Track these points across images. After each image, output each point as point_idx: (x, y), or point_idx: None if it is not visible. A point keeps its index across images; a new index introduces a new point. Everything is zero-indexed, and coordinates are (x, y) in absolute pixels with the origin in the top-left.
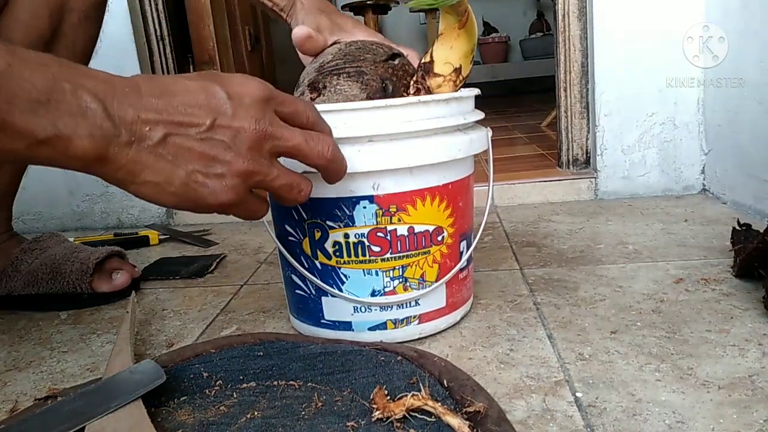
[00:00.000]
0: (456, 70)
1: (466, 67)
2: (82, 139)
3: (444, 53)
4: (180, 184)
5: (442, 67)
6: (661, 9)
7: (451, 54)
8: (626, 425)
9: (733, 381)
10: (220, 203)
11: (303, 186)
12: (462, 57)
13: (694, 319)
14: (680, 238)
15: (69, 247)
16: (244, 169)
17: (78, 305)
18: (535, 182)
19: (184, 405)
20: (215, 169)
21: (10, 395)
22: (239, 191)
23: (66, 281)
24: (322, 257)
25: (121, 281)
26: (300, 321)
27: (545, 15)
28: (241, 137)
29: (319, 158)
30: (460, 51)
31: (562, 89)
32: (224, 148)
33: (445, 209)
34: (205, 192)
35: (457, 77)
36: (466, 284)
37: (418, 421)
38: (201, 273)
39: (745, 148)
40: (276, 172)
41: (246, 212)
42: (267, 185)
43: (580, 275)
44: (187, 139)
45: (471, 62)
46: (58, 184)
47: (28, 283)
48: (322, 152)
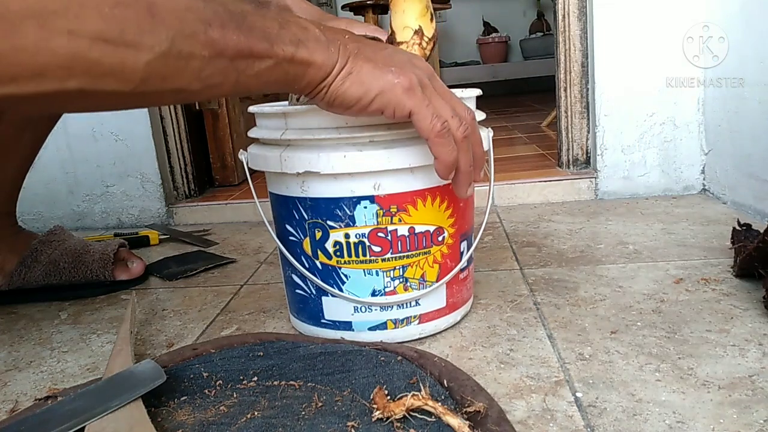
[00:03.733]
0: (417, 32)
1: (428, 27)
2: (313, 45)
3: (399, 19)
4: (368, 71)
5: (402, 34)
6: (661, 9)
7: (406, 17)
8: (626, 425)
9: (733, 381)
10: (400, 82)
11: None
12: (418, 17)
13: (694, 319)
14: (680, 238)
15: (82, 240)
16: (418, 74)
17: (100, 292)
18: (535, 182)
19: (184, 405)
20: (395, 65)
21: (10, 395)
22: (414, 80)
23: (89, 270)
24: (323, 257)
25: (138, 269)
26: (300, 321)
27: (545, 15)
28: (415, 63)
29: (465, 113)
30: (414, 12)
31: (562, 89)
32: (402, 63)
33: (446, 209)
34: (389, 75)
35: (420, 39)
36: (466, 284)
37: (418, 421)
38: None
39: (745, 148)
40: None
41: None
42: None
43: (580, 275)
44: (374, 51)
45: (432, 20)
46: (58, 184)
47: (49, 272)
48: (468, 112)
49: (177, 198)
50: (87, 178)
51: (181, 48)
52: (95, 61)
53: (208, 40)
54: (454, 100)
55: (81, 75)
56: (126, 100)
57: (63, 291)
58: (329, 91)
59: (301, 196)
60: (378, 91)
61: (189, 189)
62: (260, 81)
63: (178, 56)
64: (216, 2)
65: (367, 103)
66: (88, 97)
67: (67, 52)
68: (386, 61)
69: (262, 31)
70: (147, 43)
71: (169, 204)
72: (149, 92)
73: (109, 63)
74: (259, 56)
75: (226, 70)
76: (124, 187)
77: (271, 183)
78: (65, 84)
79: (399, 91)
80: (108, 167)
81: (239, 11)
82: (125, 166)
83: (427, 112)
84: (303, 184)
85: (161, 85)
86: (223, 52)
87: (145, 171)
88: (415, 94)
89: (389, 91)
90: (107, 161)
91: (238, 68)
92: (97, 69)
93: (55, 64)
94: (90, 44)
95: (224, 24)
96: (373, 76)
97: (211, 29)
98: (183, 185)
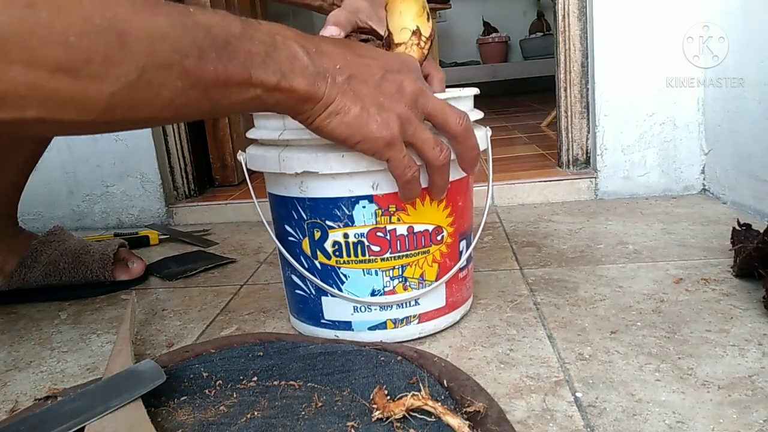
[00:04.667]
0: (415, 33)
1: (425, 27)
2: (298, 79)
3: (396, 21)
4: (354, 116)
5: (399, 35)
6: (661, 9)
7: (403, 19)
8: (626, 425)
9: (733, 381)
10: (382, 137)
11: (443, 147)
12: (415, 17)
13: (694, 319)
14: (680, 238)
15: (82, 241)
16: (404, 112)
17: (100, 293)
18: (535, 182)
19: (184, 405)
20: (382, 108)
21: (10, 395)
22: (396, 132)
23: (89, 270)
24: (322, 257)
25: (138, 269)
26: (300, 321)
27: (545, 15)
28: (404, 89)
29: (456, 122)
30: (411, 13)
31: (562, 89)
32: (390, 95)
33: (445, 209)
34: (373, 125)
35: (419, 40)
36: (465, 284)
37: (418, 421)
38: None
39: (745, 148)
40: (423, 126)
41: (400, 163)
42: (417, 135)
43: (580, 275)
44: (364, 83)
45: (428, 20)
46: (58, 184)
47: (49, 273)
48: (460, 116)
49: (177, 198)
50: (87, 178)
51: (151, 79)
52: (53, 90)
53: (182, 70)
54: (444, 114)
55: (38, 105)
56: (89, 129)
57: (63, 291)
58: (315, 122)
59: (299, 196)
60: (361, 140)
61: (189, 189)
62: (237, 108)
63: (149, 86)
64: (198, 28)
65: (351, 146)
66: (48, 126)
67: (25, 81)
68: (374, 99)
69: (245, 58)
70: (113, 74)
71: (169, 204)
72: (114, 121)
73: (68, 93)
74: (238, 85)
75: (199, 99)
76: (124, 187)
77: (270, 183)
78: (23, 113)
79: (380, 145)
80: (108, 167)
81: (222, 37)
82: (125, 166)
83: (401, 163)
84: (301, 184)
85: (128, 115)
86: (198, 82)
87: (145, 171)
88: (394, 147)
89: (371, 142)
90: (107, 161)
91: (213, 98)
92: (56, 99)
93: (13, 93)
94: (49, 75)
95: (202, 53)
96: (358, 124)
97: (187, 60)
98: (183, 185)
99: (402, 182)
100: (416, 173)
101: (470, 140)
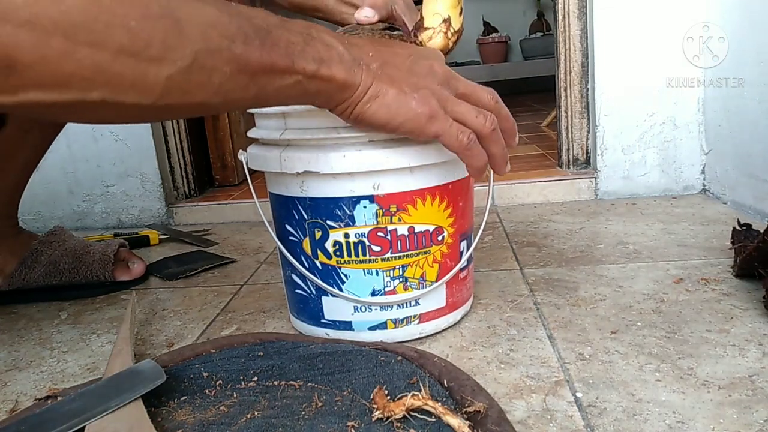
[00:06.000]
0: (445, 21)
1: (456, 19)
2: (336, 66)
3: (432, 6)
4: (392, 98)
5: (431, 20)
6: (661, 9)
7: (438, 5)
8: (626, 425)
9: (733, 381)
10: (423, 111)
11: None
12: (450, 8)
13: (694, 319)
14: (680, 238)
15: (82, 241)
16: (438, 90)
17: (100, 293)
18: (535, 182)
19: (184, 405)
20: (417, 87)
21: (10, 395)
22: (436, 106)
23: (89, 270)
24: (323, 257)
25: (139, 270)
26: (300, 321)
27: (545, 15)
28: (435, 71)
29: (488, 98)
30: (447, 2)
31: (562, 89)
32: (423, 75)
33: (446, 209)
34: (412, 102)
35: (447, 28)
36: (466, 284)
37: (418, 421)
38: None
39: (745, 148)
40: (459, 101)
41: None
42: (456, 108)
43: (580, 275)
44: (396, 68)
45: (460, 14)
46: (58, 184)
47: (49, 273)
48: (489, 92)
49: (177, 198)
50: (87, 178)
51: (204, 63)
52: (117, 73)
53: (231, 56)
54: (476, 94)
55: (103, 86)
56: (147, 113)
57: (63, 291)
58: (355, 110)
59: (300, 196)
60: (403, 119)
61: (189, 189)
62: (280, 96)
63: (201, 71)
64: (242, 17)
65: (393, 129)
66: (110, 109)
67: (91, 63)
68: (408, 81)
69: (286, 46)
70: (171, 58)
71: (169, 204)
72: (170, 105)
73: (130, 76)
74: (281, 72)
75: (247, 85)
76: (124, 187)
77: (271, 183)
78: (88, 94)
79: (423, 120)
80: (108, 167)
81: (264, 26)
82: (125, 166)
83: (452, 132)
84: (302, 184)
85: (182, 99)
86: (245, 68)
87: (145, 171)
88: (438, 120)
89: (414, 119)
90: (107, 161)
91: (259, 83)
92: (119, 81)
93: (79, 75)
94: (113, 57)
95: (248, 40)
96: (398, 104)
97: (234, 45)
98: (183, 185)
99: (462, 151)
100: (472, 136)
101: (504, 111)
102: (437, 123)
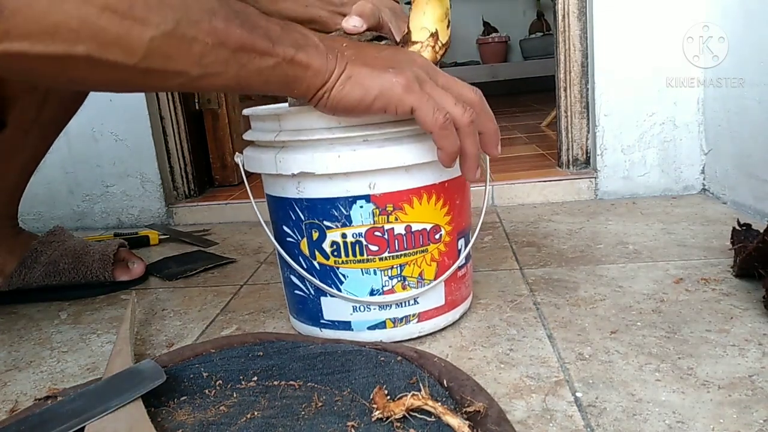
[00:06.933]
0: (432, 35)
1: (443, 32)
2: (312, 53)
3: (418, 20)
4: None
5: (418, 34)
6: (661, 9)
7: (425, 19)
8: (626, 425)
9: (733, 381)
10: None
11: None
12: (436, 21)
13: (694, 319)
14: (680, 238)
15: (82, 241)
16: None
17: (100, 293)
18: (535, 182)
19: (184, 405)
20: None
21: (10, 395)
22: (411, 79)
23: (89, 270)
24: (320, 257)
25: (139, 270)
26: (300, 321)
27: (545, 15)
28: (415, 60)
29: (471, 93)
30: (433, 15)
31: (562, 89)
32: (401, 61)
33: (442, 207)
34: (386, 74)
35: (435, 42)
36: (464, 282)
37: (418, 421)
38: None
39: (745, 148)
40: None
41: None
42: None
43: (580, 275)
44: (372, 56)
45: (448, 27)
46: (58, 184)
47: (49, 273)
48: (472, 88)
49: (177, 198)
50: (87, 178)
51: (185, 31)
52: (102, 27)
53: (211, 28)
54: (457, 87)
55: (88, 40)
56: (131, 77)
57: (63, 291)
58: (331, 96)
59: (297, 197)
60: (378, 91)
61: (189, 189)
62: (261, 78)
63: (182, 38)
64: (223, 1)
65: (368, 104)
66: (95, 67)
67: (78, 15)
68: (384, 62)
69: (265, 30)
70: (153, 21)
71: (169, 204)
72: (152, 69)
73: (115, 32)
74: (261, 53)
75: (227, 60)
76: (124, 187)
77: (267, 185)
78: (74, 48)
79: (398, 89)
80: (108, 167)
81: (244, 11)
82: (125, 166)
83: (428, 106)
84: (298, 185)
85: (163, 64)
86: (226, 42)
87: (145, 171)
88: (414, 91)
89: (389, 90)
90: (107, 161)
91: (240, 61)
92: (104, 36)
93: (66, 26)
94: (99, 12)
95: (229, 18)
96: (372, 78)
97: (215, 19)
98: (183, 185)
99: (437, 131)
100: (449, 117)
101: (487, 111)
102: (413, 95)
